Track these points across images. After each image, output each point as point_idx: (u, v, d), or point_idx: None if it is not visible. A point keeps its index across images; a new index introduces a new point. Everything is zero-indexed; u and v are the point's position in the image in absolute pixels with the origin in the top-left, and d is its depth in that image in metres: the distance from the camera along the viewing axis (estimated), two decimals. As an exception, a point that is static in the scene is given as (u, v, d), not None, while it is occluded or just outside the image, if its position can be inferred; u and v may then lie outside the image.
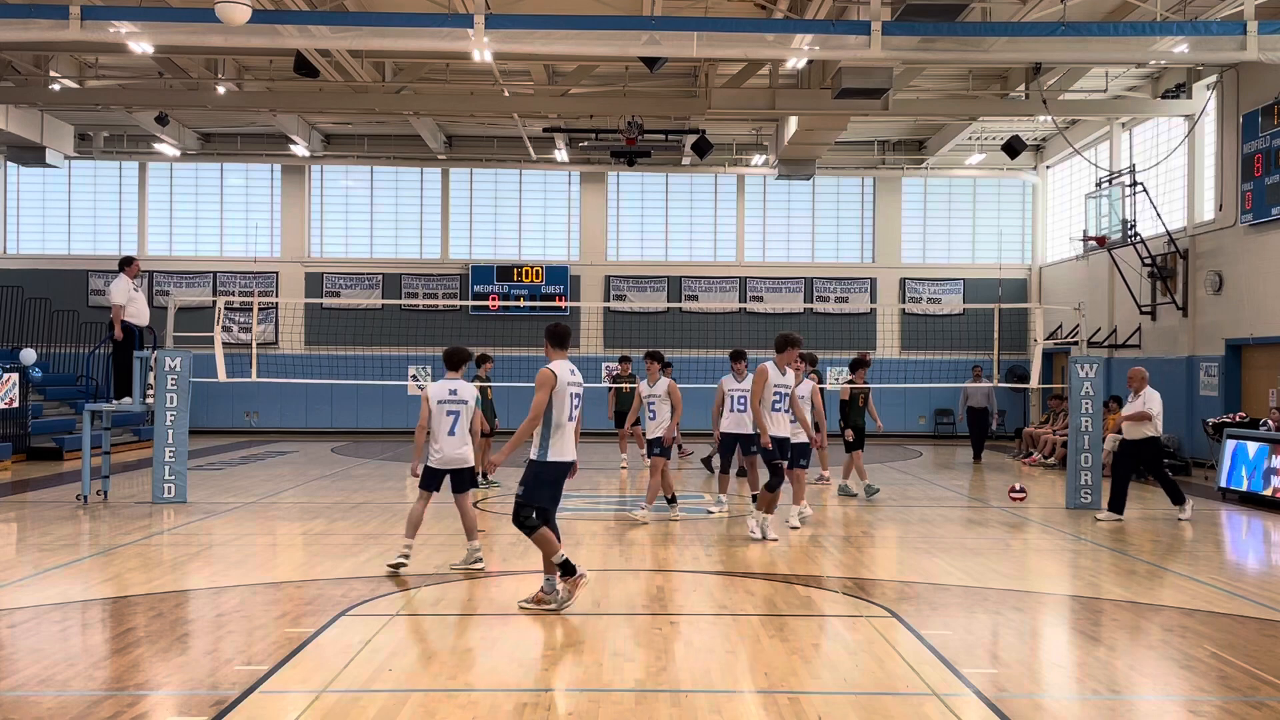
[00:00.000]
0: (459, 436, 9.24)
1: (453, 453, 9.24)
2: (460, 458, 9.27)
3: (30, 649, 6.84)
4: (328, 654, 6.71)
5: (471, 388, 9.38)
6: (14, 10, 14.63)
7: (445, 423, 9.22)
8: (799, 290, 27.73)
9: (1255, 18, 14.23)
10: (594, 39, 14.68)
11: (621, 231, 28.40)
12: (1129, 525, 12.50)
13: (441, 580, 8.98)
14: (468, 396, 9.28)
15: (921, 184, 28.26)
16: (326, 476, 17.07)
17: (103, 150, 26.89)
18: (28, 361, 20.71)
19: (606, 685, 6.08)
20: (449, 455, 9.25)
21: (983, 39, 15.02)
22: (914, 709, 5.74)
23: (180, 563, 9.84)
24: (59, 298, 25.79)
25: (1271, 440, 14.58)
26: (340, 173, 28.18)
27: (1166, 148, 21.35)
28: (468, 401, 9.27)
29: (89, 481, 13.57)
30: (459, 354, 9.55)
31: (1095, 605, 8.37)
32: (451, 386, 9.29)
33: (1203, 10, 16.15)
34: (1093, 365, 14.19)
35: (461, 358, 9.54)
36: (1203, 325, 20.19)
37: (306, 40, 15.25)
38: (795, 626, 7.59)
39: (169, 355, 13.68)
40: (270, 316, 26.94)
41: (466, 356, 9.62)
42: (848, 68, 16.69)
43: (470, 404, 9.27)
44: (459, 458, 9.27)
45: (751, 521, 11.20)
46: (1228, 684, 6.27)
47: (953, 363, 25.38)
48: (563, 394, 7.77)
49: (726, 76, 20.40)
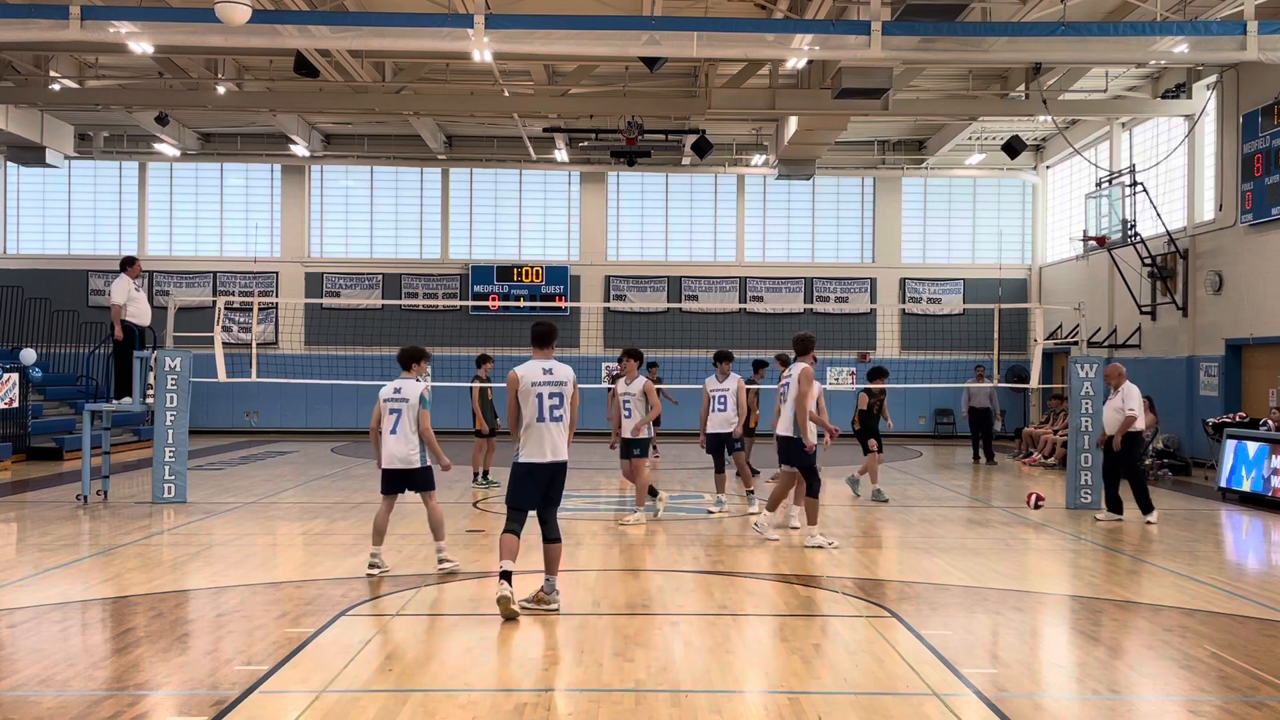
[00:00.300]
0: (399, 435, 9.04)
1: (394, 451, 9.07)
2: (404, 458, 9.07)
3: (30, 649, 6.84)
4: (328, 654, 6.71)
5: (418, 387, 9.17)
6: (14, 10, 14.63)
7: (387, 422, 9.09)
8: (799, 290, 27.73)
9: (1255, 18, 14.22)
10: (594, 39, 14.68)
11: (621, 231, 28.40)
12: (1129, 525, 12.49)
13: (441, 580, 8.98)
14: (410, 395, 9.09)
15: (921, 184, 28.26)
16: (326, 476, 17.07)
17: (103, 150, 26.90)
18: (28, 361, 20.71)
19: (606, 685, 6.08)
20: (390, 454, 9.09)
21: (983, 39, 15.02)
22: (914, 709, 5.74)
23: (180, 563, 9.85)
24: (59, 298, 25.79)
25: (1271, 440, 14.58)
26: (340, 173, 28.19)
27: (1166, 148, 21.35)
28: (409, 400, 9.06)
29: (89, 481, 13.57)
30: (410, 353, 9.37)
31: (1095, 605, 8.37)
32: (397, 385, 9.18)
33: (1203, 10, 16.14)
34: (1093, 365, 14.18)
35: (412, 357, 9.34)
36: (1203, 325, 20.19)
37: (306, 40, 15.25)
38: (795, 626, 7.60)
39: (169, 355, 13.68)
40: (270, 316, 26.94)
41: (417, 356, 9.38)
42: (848, 68, 16.68)
43: (413, 403, 9.04)
44: (402, 457, 9.07)
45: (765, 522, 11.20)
46: (1228, 684, 6.27)
47: (953, 363, 25.37)
48: (528, 394, 7.64)
49: (726, 76, 20.39)
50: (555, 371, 7.74)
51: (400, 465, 9.10)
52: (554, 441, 7.70)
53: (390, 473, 9.17)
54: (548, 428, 7.66)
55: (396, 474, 9.17)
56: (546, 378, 7.70)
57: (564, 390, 7.72)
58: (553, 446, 7.69)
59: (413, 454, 9.10)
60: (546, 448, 7.68)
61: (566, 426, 7.78)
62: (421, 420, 9.08)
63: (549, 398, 7.64)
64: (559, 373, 7.75)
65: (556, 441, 7.71)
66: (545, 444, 7.67)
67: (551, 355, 7.85)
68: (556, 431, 7.70)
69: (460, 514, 12.97)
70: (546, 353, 7.81)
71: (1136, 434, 12.78)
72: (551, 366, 7.76)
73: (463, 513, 13.09)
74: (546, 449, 7.68)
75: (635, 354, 13.33)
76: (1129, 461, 12.73)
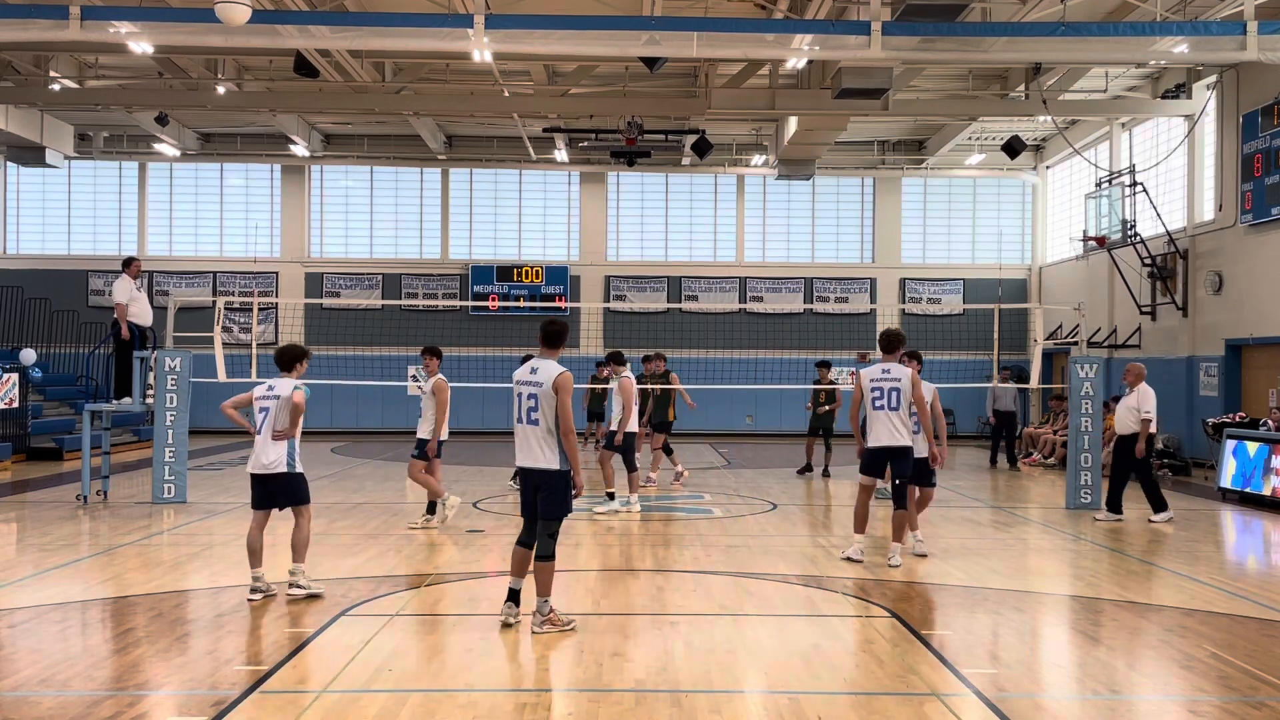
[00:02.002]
0: (264, 436, 8.23)
1: (260, 456, 8.22)
2: (271, 463, 8.20)
3: (30, 649, 6.84)
4: (328, 654, 6.71)
5: (290, 383, 8.36)
6: (14, 10, 14.63)
7: (257, 421, 8.27)
8: (799, 290, 27.73)
9: (1255, 18, 14.23)
10: (594, 39, 14.68)
11: (621, 232, 28.41)
12: (1129, 525, 12.49)
13: (441, 580, 8.98)
14: (283, 393, 8.28)
15: (921, 184, 28.27)
16: (326, 476, 17.07)
17: (103, 150, 26.90)
18: (28, 361, 20.72)
19: (606, 685, 6.08)
20: (256, 457, 8.26)
21: (983, 39, 15.02)
22: (914, 709, 5.74)
23: (180, 563, 9.85)
24: (59, 298, 25.78)
25: (1271, 440, 14.58)
26: (340, 173, 28.19)
27: (1166, 148, 21.35)
28: (280, 397, 8.27)
29: (89, 481, 13.57)
30: (288, 352, 8.53)
31: (1095, 605, 8.37)
32: (271, 383, 8.39)
33: (1203, 10, 16.15)
34: (1093, 365, 14.19)
35: (292, 356, 8.51)
36: (1203, 325, 20.19)
37: (306, 40, 15.25)
38: (795, 626, 7.60)
39: (169, 355, 13.68)
40: (270, 316, 26.93)
41: (299, 355, 8.55)
42: (848, 68, 16.68)
43: (285, 399, 8.25)
44: (269, 463, 8.20)
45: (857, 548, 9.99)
46: (1228, 684, 6.27)
47: (952, 363, 25.36)
48: (513, 393, 7.34)
49: (726, 76, 20.40)
50: (539, 371, 7.21)
51: (263, 471, 8.23)
52: (527, 445, 7.19)
53: (255, 477, 8.31)
54: (523, 430, 7.21)
55: (264, 481, 8.28)
56: (529, 377, 7.23)
57: (538, 392, 7.13)
58: (526, 450, 7.20)
59: (279, 458, 8.22)
60: (521, 451, 7.25)
61: (547, 431, 7.13)
62: (292, 418, 8.27)
63: (526, 399, 7.18)
64: (541, 373, 7.20)
65: (531, 445, 7.17)
66: (520, 447, 7.25)
67: (555, 355, 7.33)
68: (532, 434, 7.15)
69: (461, 514, 12.97)
70: (550, 352, 7.32)
71: (1150, 435, 12.75)
72: (538, 366, 7.25)
73: (463, 513, 13.09)
74: (521, 453, 7.25)
75: (617, 357, 13.21)
76: (1143, 463, 12.68)
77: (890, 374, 9.68)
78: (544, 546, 7.20)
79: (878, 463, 9.75)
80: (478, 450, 21.82)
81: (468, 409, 26.34)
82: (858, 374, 10.00)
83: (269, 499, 8.32)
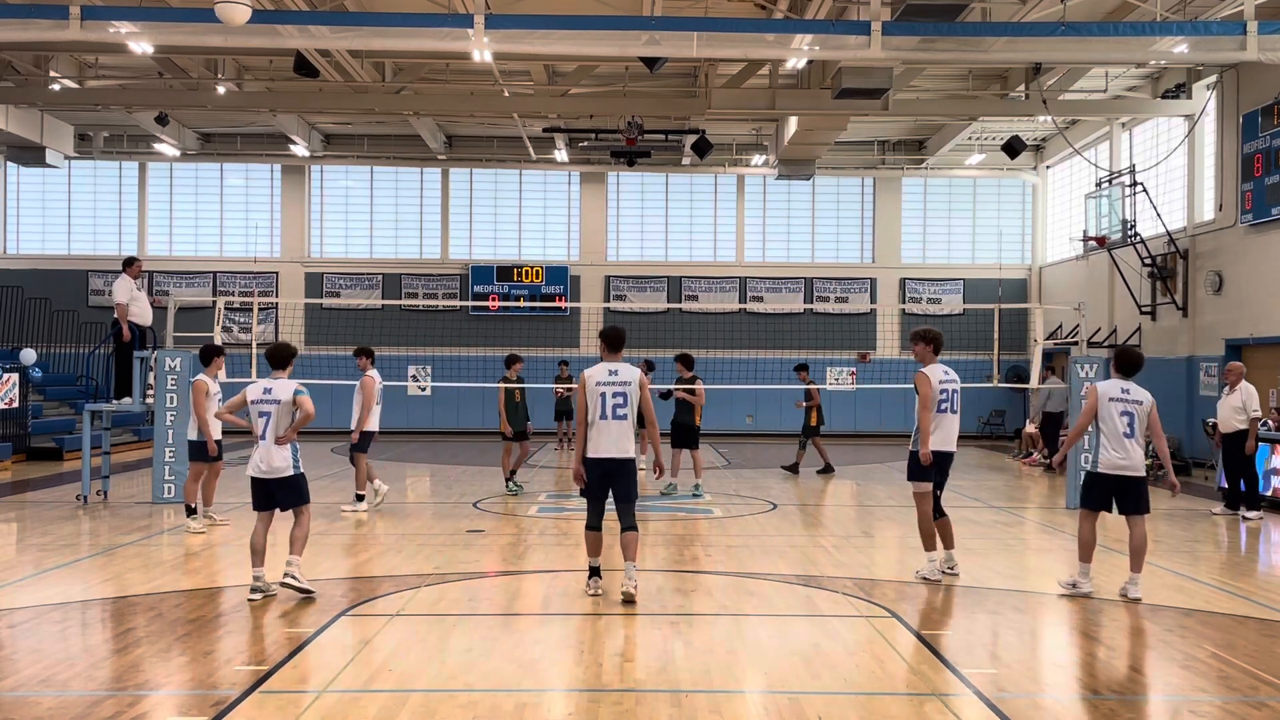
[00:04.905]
0: (268, 441, 8.17)
1: (266, 459, 8.18)
2: (278, 468, 8.18)
3: (30, 649, 6.84)
4: (328, 654, 6.71)
5: (290, 386, 8.29)
6: (14, 10, 14.63)
7: (258, 425, 8.21)
8: (799, 290, 27.72)
9: (1255, 18, 14.22)
10: (594, 39, 14.68)
11: (621, 232, 28.40)
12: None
13: (441, 580, 8.98)
14: (282, 396, 8.21)
15: (921, 184, 28.26)
16: (326, 476, 17.06)
17: (103, 150, 26.89)
18: (28, 361, 20.71)
19: (606, 685, 6.08)
20: (260, 460, 8.21)
21: (983, 39, 15.01)
22: (914, 709, 5.74)
23: (180, 563, 9.85)
24: (59, 298, 25.77)
25: (1272, 440, 14.57)
26: (340, 173, 28.19)
27: (1166, 148, 21.35)
28: (280, 401, 8.19)
29: (89, 481, 13.58)
30: (283, 350, 8.50)
31: (1095, 605, 8.37)
32: (267, 385, 8.31)
33: (1203, 10, 16.15)
34: (1093, 365, 14.18)
35: (284, 354, 8.48)
36: (1203, 325, 20.18)
37: (306, 40, 15.25)
38: (795, 626, 7.60)
39: (169, 355, 13.69)
40: (270, 316, 26.92)
41: (290, 354, 8.51)
42: (848, 68, 16.69)
43: (285, 404, 8.18)
44: (275, 468, 8.18)
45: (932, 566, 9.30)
46: (1228, 684, 6.27)
47: (952, 363, 25.21)
48: (594, 394, 8.23)
49: (726, 76, 20.39)
50: (619, 373, 8.32)
51: (271, 475, 8.19)
52: (614, 437, 8.21)
53: (259, 482, 8.25)
54: (608, 425, 8.20)
55: (268, 484, 8.24)
56: (611, 379, 8.28)
57: (628, 390, 8.27)
58: (613, 442, 8.22)
59: (286, 463, 8.20)
60: (608, 443, 8.21)
61: (631, 424, 8.30)
62: (300, 409, 8.19)
63: (612, 397, 8.23)
64: (624, 374, 8.32)
65: (617, 437, 8.22)
66: (604, 439, 8.20)
67: (619, 358, 8.41)
68: (618, 429, 8.22)
69: (461, 514, 12.97)
70: (615, 356, 8.41)
71: (1245, 431, 12.99)
72: (618, 369, 8.35)
73: (464, 513, 13.09)
74: (608, 445, 8.21)
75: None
76: (1250, 460, 13.01)
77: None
78: (632, 520, 8.38)
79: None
80: (478, 450, 21.81)
81: (468, 409, 26.36)
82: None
83: (270, 500, 8.34)
